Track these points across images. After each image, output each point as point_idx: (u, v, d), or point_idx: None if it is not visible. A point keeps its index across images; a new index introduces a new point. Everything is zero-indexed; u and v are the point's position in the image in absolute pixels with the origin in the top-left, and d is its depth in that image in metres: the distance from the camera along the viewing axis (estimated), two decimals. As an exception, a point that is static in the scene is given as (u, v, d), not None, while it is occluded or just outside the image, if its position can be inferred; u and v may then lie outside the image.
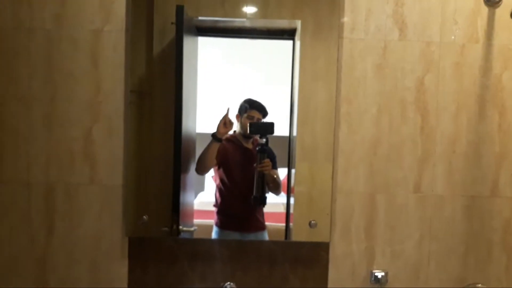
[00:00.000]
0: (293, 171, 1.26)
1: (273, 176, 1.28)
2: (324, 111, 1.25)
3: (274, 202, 1.31)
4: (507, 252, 1.30)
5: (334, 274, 1.27)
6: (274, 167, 1.28)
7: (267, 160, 1.26)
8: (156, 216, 1.23)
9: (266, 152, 1.26)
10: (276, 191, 1.29)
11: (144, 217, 1.21)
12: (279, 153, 1.29)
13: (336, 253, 1.27)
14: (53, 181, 1.24)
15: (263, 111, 1.26)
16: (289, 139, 1.27)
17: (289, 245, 1.27)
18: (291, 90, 1.26)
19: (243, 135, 1.28)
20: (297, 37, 1.25)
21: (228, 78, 1.28)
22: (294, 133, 1.25)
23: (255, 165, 1.26)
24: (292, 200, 1.26)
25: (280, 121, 1.27)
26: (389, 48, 1.26)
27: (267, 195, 1.28)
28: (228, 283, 1.24)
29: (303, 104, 1.25)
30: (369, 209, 1.27)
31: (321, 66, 1.25)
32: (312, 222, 1.23)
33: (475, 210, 1.29)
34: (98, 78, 1.23)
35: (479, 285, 1.29)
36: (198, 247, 1.27)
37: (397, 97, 1.27)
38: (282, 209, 1.30)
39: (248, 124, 1.26)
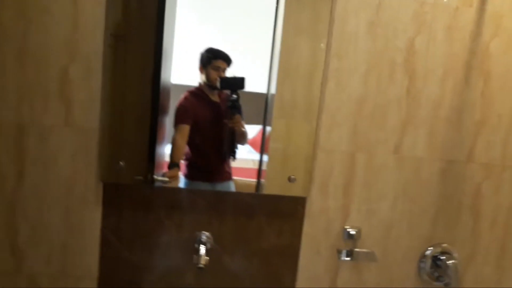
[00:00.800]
0: (268, 128, 1.23)
1: (242, 130, 1.26)
2: (306, 68, 1.21)
3: (244, 158, 1.29)
4: (474, 216, 1.36)
5: (308, 228, 1.29)
6: (241, 117, 1.26)
7: (237, 116, 1.24)
8: (132, 164, 1.20)
9: (237, 108, 1.23)
10: (243, 142, 1.28)
11: (121, 163, 1.18)
12: (255, 109, 1.26)
13: (312, 208, 1.28)
14: (25, 122, 1.17)
15: (228, 60, 1.21)
16: (266, 96, 1.23)
17: (267, 198, 1.27)
18: (272, 45, 1.21)
19: (210, 86, 1.23)
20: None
21: (206, 27, 1.21)
22: (272, 90, 1.22)
23: (225, 121, 1.24)
24: (265, 157, 1.25)
25: (258, 77, 1.23)
26: (383, 5, 1.22)
27: (236, 149, 1.27)
28: (204, 232, 1.24)
29: (284, 60, 1.20)
30: (348, 168, 1.28)
31: (306, 20, 1.20)
32: (292, 177, 1.23)
33: (450, 174, 1.32)
34: (76, 14, 1.14)
35: (445, 244, 1.35)
36: (175, 197, 1.25)
37: (387, 57, 1.24)
38: (252, 165, 1.28)
39: (216, 78, 1.21)
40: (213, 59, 1.20)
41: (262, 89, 1.24)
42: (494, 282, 1.41)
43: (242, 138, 1.27)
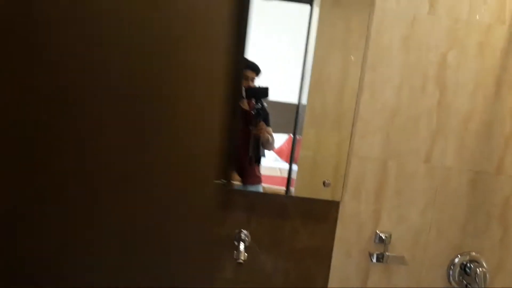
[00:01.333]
0: (297, 137, 1.31)
1: (267, 138, 1.34)
2: (336, 80, 1.29)
3: (271, 166, 1.38)
4: (503, 226, 1.39)
5: (341, 232, 1.36)
6: (267, 124, 1.34)
7: (262, 123, 1.32)
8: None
9: (261, 116, 1.32)
10: (269, 149, 1.36)
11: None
12: (285, 119, 1.34)
13: (345, 212, 1.35)
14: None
15: (257, 70, 1.29)
16: (297, 106, 1.31)
17: (301, 201, 1.34)
18: (304, 56, 1.29)
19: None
20: (315, 3, 1.27)
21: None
22: (303, 100, 1.30)
23: (251, 128, 1.32)
24: (294, 166, 1.32)
25: (290, 88, 1.31)
26: (417, 21, 1.30)
27: (262, 155, 1.35)
28: (243, 230, 1.32)
29: (316, 72, 1.28)
30: (380, 175, 1.34)
31: (339, 34, 1.28)
32: (327, 181, 1.30)
33: (479, 184, 1.37)
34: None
35: (473, 253, 1.39)
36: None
37: (420, 70, 1.31)
38: (278, 173, 1.36)
39: (243, 88, 1.30)
40: (243, 68, 1.30)
41: (293, 100, 1.32)
42: (523, 293, 1.43)
43: (267, 144, 1.35)
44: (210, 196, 0.48)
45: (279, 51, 1.32)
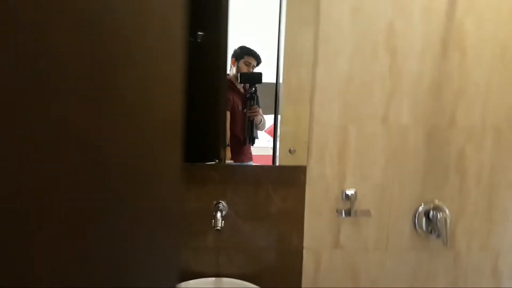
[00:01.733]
0: (279, 116, 1.43)
1: (261, 119, 1.46)
2: (309, 55, 1.40)
3: (264, 146, 1.49)
4: (460, 175, 1.51)
5: (310, 193, 1.48)
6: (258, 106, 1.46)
7: (255, 107, 1.44)
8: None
9: (255, 99, 1.44)
10: (262, 129, 1.48)
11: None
12: (267, 99, 1.45)
13: (312, 175, 1.47)
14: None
15: (258, 59, 1.42)
16: (275, 85, 1.42)
17: (272, 169, 1.47)
18: (278, 36, 1.39)
19: (237, 78, 1.44)
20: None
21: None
22: (281, 79, 1.40)
23: (245, 110, 1.44)
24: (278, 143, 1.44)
25: (268, 68, 1.42)
26: (363, -7, 1.40)
27: (255, 136, 1.47)
28: (220, 201, 1.45)
29: (289, 49, 1.39)
30: (342, 138, 1.46)
31: (308, 10, 1.38)
32: (291, 149, 1.42)
33: (434, 138, 1.49)
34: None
35: (436, 200, 1.51)
36: (195, 172, 1.46)
37: (370, 38, 1.42)
38: (271, 152, 1.47)
39: (238, 74, 1.42)
40: (246, 55, 1.41)
41: (272, 79, 1.43)
42: (486, 233, 1.56)
43: (261, 125, 1.48)
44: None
45: (257, 35, 1.43)
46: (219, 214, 1.37)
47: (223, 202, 1.45)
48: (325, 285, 1.54)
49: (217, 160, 1.43)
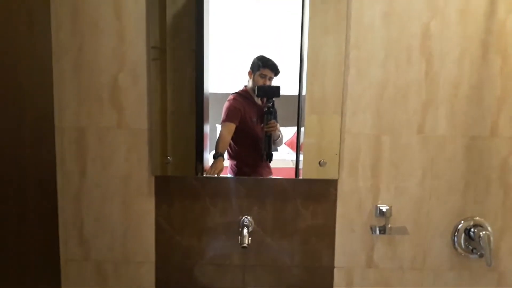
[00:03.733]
0: (302, 129, 1.34)
1: (278, 134, 1.39)
2: (333, 64, 1.32)
3: (284, 158, 1.41)
4: (504, 188, 1.40)
5: (342, 209, 1.39)
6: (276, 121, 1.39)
7: (272, 121, 1.37)
8: (179, 159, 1.34)
9: (272, 114, 1.36)
10: (279, 145, 1.41)
11: (169, 157, 1.33)
12: (289, 111, 1.37)
13: (344, 189, 1.38)
14: (83, 125, 1.35)
15: (275, 70, 1.34)
16: (298, 97, 1.35)
17: (301, 182, 1.38)
18: (301, 46, 1.32)
19: (254, 91, 1.36)
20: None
21: (238, 36, 1.34)
22: (304, 91, 1.32)
23: (262, 125, 1.36)
24: (301, 157, 1.35)
25: (290, 79, 1.34)
26: (396, -4, 1.32)
27: (273, 152, 1.39)
28: (246, 216, 1.37)
29: (312, 59, 1.31)
30: (375, 149, 1.37)
31: (331, 19, 1.31)
32: (322, 161, 1.33)
33: (474, 149, 1.38)
34: (121, 29, 1.32)
35: (477, 217, 1.40)
36: (218, 185, 1.39)
37: (403, 43, 1.33)
38: (291, 165, 1.39)
39: (256, 87, 1.35)
40: (262, 67, 1.34)
41: (294, 91, 1.35)
42: (531, 253, 1.44)
43: (278, 141, 1.41)
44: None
45: (278, 44, 1.35)
46: (245, 231, 1.29)
47: (248, 217, 1.37)
48: (357, 307, 1.44)
49: (200, 174, 1.35)
